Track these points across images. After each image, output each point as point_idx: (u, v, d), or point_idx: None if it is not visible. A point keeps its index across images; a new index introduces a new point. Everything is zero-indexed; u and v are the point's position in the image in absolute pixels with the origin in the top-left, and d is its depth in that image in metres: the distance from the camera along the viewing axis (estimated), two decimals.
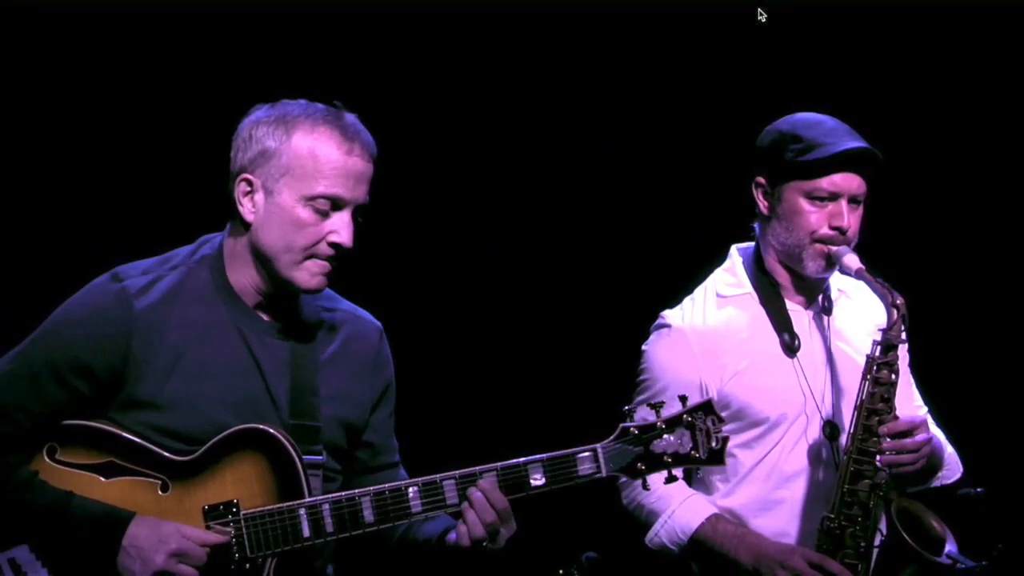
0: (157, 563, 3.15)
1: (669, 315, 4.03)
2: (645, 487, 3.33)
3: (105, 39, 4.93)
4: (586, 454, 3.25)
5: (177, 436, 3.22)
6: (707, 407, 3.27)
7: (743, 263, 4.06)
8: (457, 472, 3.25)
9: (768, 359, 3.97)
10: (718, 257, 4.14)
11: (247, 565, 3.21)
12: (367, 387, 3.43)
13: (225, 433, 3.21)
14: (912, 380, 4.13)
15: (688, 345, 3.95)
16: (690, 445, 3.26)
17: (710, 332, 3.97)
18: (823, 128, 3.91)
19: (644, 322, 4.11)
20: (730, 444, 3.88)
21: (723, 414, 3.87)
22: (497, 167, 5.47)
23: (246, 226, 3.26)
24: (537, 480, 3.25)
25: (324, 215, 3.22)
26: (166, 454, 3.21)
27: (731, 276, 4.06)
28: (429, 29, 5.31)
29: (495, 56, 5.41)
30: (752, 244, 4.09)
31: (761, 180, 3.98)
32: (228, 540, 3.19)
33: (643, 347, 4.05)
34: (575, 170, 5.53)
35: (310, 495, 3.23)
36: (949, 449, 4.08)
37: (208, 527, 3.21)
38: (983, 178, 5.59)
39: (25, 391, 3.21)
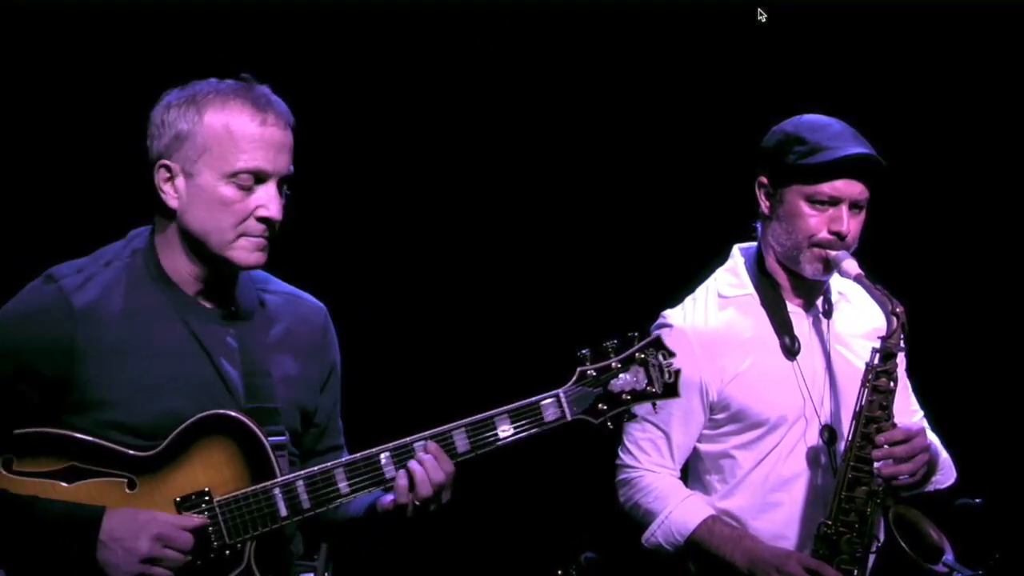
0: (142, 550, 3.09)
1: (670, 315, 4.02)
2: (607, 429, 3.31)
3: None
4: (549, 400, 3.26)
5: (134, 432, 3.16)
6: (656, 343, 3.30)
7: (745, 263, 4.05)
8: (427, 433, 3.23)
9: (768, 361, 3.96)
10: (719, 256, 4.14)
11: (227, 552, 3.17)
12: (316, 369, 3.39)
13: (187, 423, 3.17)
14: (908, 385, 4.11)
15: (689, 345, 3.91)
16: (645, 381, 3.28)
17: (711, 333, 3.95)
18: (828, 132, 3.89)
19: (644, 321, 4.09)
20: (729, 446, 4.00)
21: (722, 415, 3.94)
22: (500, 165, 5.47)
23: (172, 213, 3.21)
24: (505, 431, 3.24)
25: (248, 190, 3.17)
26: (127, 451, 3.16)
27: (733, 276, 4.05)
28: (433, 29, 5.31)
29: (497, 56, 5.42)
30: (754, 244, 4.08)
31: (764, 180, 3.97)
32: (206, 523, 3.15)
33: None
34: (577, 168, 5.53)
35: (281, 475, 3.20)
36: (944, 454, 4.05)
37: None
38: (982, 182, 5.58)
39: None
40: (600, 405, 3.27)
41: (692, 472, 4.07)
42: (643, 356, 3.28)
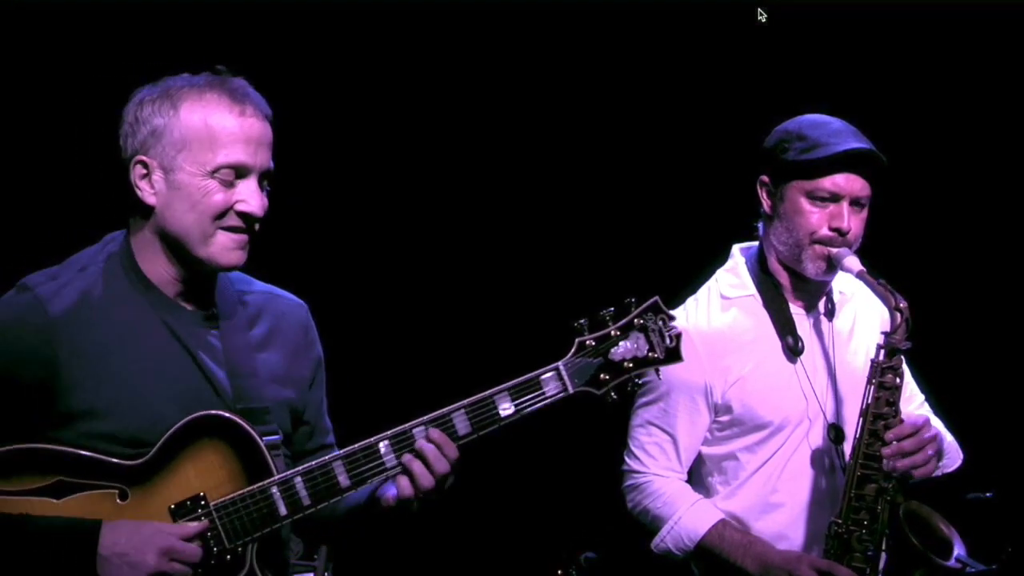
0: (149, 564, 2.97)
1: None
2: (610, 399, 3.17)
3: None
4: (549, 374, 3.14)
5: (123, 441, 3.05)
6: (655, 307, 3.20)
7: (746, 263, 4.03)
8: (426, 417, 3.12)
9: (771, 362, 3.94)
10: (717, 257, 4.11)
11: (228, 556, 3.06)
12: (302, 366, 3.30)
13: (176, 426, 3.06)
14: (908, 372, 4.03)
15: (693, 347, 3.82)
16: (647, 347, 3.17)
17: (715, 334, 3.92)
18: (828, 129, 3.87)
19: None
20: (732, 447, 3.99)
21: (726, 418, 3.90)
22: (502, 166, 5.46)
23: (148, 212, 3.12)
24: (506, 409, 3.13)
25: (229, 185, 3.08)
26: (116, 461, 3.05)
27: (734, 277, 4.03)
28: (434, 30, 5.29)
29: (502, 56, 5.41)
30: (755, 244, 4.06)
31: (765, 178, 3.96)
32: (207, 525, 3.04)
33: None
34: (578, 168, 5.52)
35: (277, 473, 3.09)
36: (948, 437, 4.03)
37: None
38: (985, 179, 5.57)
39: None
40: (602, 375, 3.15)
41: (694, 474, 4.03)
42: (642, 322, 3.18)
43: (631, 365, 3.17)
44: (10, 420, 3.05)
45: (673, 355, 3.19)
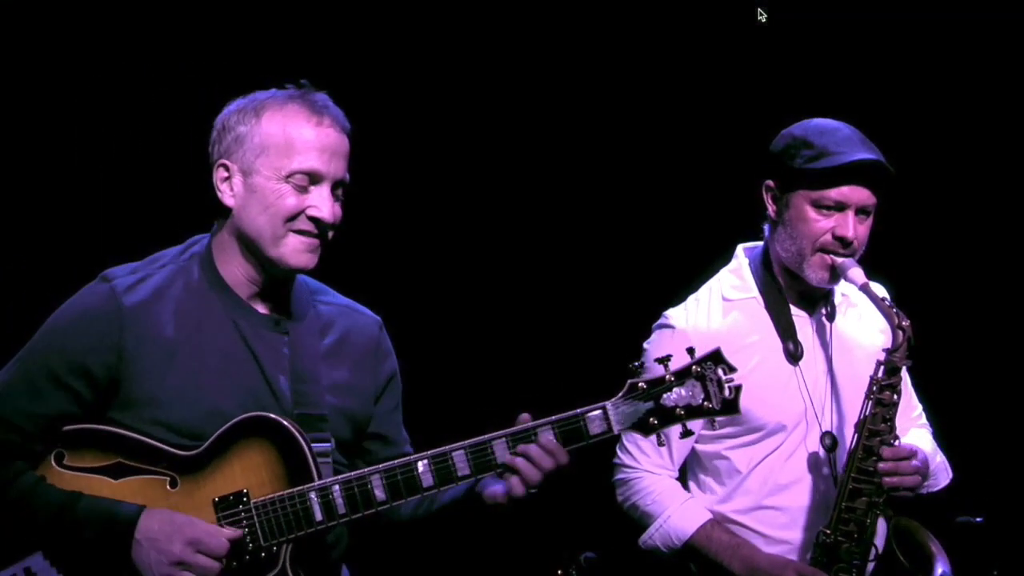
0: (174, 552, 3.11)
1: (673, 315, 3.99)
2: (660, 443, 3.21)
3: (86, 41, 4.93)
4: (595, 413, 3.17)
5: (179, 431, 3.19)
6: (716, 356, 3.19)
7: (750, 265, 4.02)
8: (466, 442, 3.20)
9: (770, 366, 3.93)
10: (722, 255, 4.10)
11: (262, 554, 3.17)
12: (369, 378, 3.41)
13: (230, 424, 3.18)
14: (908, 379, 4.03)
15: (692, 347, 3.90)
16: (702, 396, 3.18)
17: (714, 336, 3.85)
18: (836, 136, 3.85)
19: (648, 319, 4.08)
20: (727, 448, 3.92)
21: (722, 419, 3.87)
22: (510, 165, 5.49)
23: (227, 214, 3.28)
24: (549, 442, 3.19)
25: (303, 191, 3.23)
26: (172, 450, 3.19)
27: (737, 279, 4.02)
28: (436, 30, 5.33)
29: (514, 60, 5.43)
30: (759, 245, 4.05)
31: (771, 183, 3.94)
32: (242, 534, 3.16)
33: (644, 345, 4.01)
34: (582, 167, 5.53)
35: (320, 480, 3.19)
36: (939, 457, 4.05)
37: (219, 519, 3.17)
38: (987, 187, 5.55)
39: (26, 398, 3.20)
40: (651, 419, 3.17)
41: (689, 472, 4.04)
42: (700, 370, 3.19)
43: (683, 412, 3.18)
44: (82, 401, 3.21)
45: (730, 407, 3.19)
